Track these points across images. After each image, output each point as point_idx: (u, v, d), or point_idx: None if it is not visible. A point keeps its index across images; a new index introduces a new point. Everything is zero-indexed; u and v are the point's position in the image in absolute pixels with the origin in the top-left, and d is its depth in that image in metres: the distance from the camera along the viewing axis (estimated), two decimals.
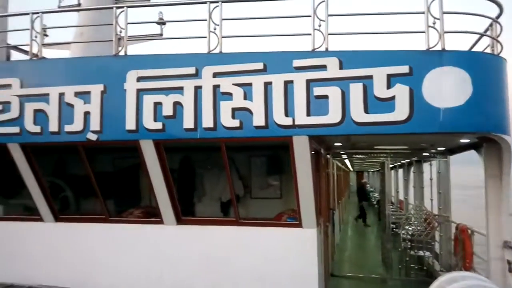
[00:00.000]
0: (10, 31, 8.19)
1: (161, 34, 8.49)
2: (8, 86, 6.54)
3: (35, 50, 6.60)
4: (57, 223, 7.07)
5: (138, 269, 6.60)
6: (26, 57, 7.08)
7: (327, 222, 8.46)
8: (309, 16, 5.49)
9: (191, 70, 5.89)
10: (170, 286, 6.42)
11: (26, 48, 6.91)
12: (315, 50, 5.50)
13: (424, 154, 9.74)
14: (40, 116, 6.39)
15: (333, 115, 5.34)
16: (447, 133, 5.36)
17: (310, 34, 5.50)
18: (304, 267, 5.97)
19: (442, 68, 5.18)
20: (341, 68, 5.35)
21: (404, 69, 5.19)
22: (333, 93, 5.33)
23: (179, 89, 5.93)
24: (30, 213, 7.36)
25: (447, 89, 5.17)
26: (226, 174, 6.27)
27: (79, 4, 9.63)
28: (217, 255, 6.34)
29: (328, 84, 5.36)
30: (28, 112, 6.43)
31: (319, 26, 5.47)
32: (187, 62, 5.94)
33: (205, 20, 5.84)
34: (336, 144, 8.09)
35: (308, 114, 5.43)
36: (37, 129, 6.41)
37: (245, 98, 5.70)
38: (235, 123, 5.73)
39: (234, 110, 5.74)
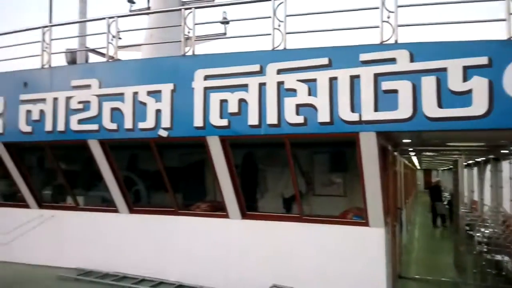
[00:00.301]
0: (89, 35, 8.86)
1: (225, 33, 8.69)
2: (88, 86, 7.09)
3: (111, 52, 7.08)
4: (131, 214, 7.54)
5: (205, 260, 6.84)
6: (103, 59, 7.62)
7: (395, 222, 8.13)
8: (377, 8, 5.30)
9: (256, 67, 5.96)
10: (235, 278, 6.58)
11: (103, 50, 7.45)
12: (384, 42, 5.30)
13: (503, 151, 8.98)
14: (116, 114, 6.86)
15: (403, 110, 5.12)
16: None
17: (378, 27, 5.31)
18: (371, 268, 5.81)
19: None
20: (412, 60, 5.10)
21: (483, 60, 4.82)
22: (403, 87, 5.11)
23: (244, 87, 6.04)
24: (107, 205, 7.94)
25: None
26: (289, 171, 6.27)
27: (148, 8, 10.18)
28: (281, 250, 6.38)
29: (398, 78, 5.14)
30: (105, 111, 6.92)
31: (388, 17, 5.26)
32: (252, 59, 6.02)
33: (269, 17, 5.87)
34: (404, 140, 7.75)
35: (376, 110, 5.25)
36: (113, 126, 6.88)
37: (309, 94, 5.67)
38: (300, 119, 5.71)
39: (298, 106, 5.73)
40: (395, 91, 5.16)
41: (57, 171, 8.17)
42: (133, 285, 6.76)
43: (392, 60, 5.19)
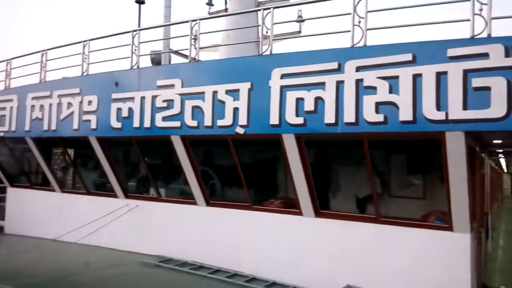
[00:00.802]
0: (172, 38, 9.42)
1: (300, 31, 8.71)
2: (172, 86, 7.54)
3: (193, 53, 7.45)
4: (208, 207, 7.89)
5: (277, 256, 6.95)
6: (184, 60, 8.04)
7: (481, 228, 7.58)
8: (468, 0, 4.96)
9: (334, 65, 5.91)
10: (307, 276, 6.59)
11: (185, 52, 7.85)
12: (475, 37, 4.95)
13: None
14: (197, 112, 7.21)
15: (496, 109, 4.76)
16: None
17: (469, 20, 4.97)
18: (455, 275, 5.50)
19: None
20: (507, 55, 4.72)
21: None
22: (497, 84, 4.74)
23: (321, 85, 6.01)
24: (186, 197, 8.38)
25: None
26: (367, 170, 6.13)
27: (226, 9, 10.53)
28: (355, 251, 6.27)
29: (491, 74, 4.78)
30: (187, 108, 7.31)
31: (480, 10, 4.91)
32: (330, 57, 5.97)
33: (349, 14, 5.78)
34: (495, 141, 7.18)
35: (465, 108, 4.94)
36: (194, 123, 7.25)
37: (390, 91, 5.48)
38: (379, 117, 5.55)
39: (378, 104, 5.57)
40: (487, 88, 4.81)
41: (142, 164, 8.79)
42: (209, 274, 7.08)
43: (485, 55, 4.84)
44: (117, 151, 9.67)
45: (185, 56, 8.05)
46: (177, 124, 7.44)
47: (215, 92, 7.00)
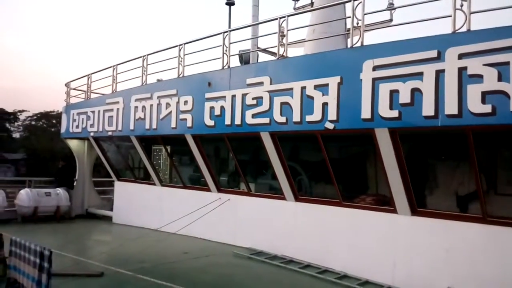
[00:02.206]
0: (261, 37, 9.63)
1: (391, 20, 8.30)
2: (260, 83, 7.73)
3: (281, 51, 7.54)
4: (297, 202, 7.95)
5: (371, 254, 6.75)
6: (272, 58, 8.16)
7: None
8: None
9: (433, 53, 5.54)
10: (403, 276, 6.32)
11: (273, 49, 7.98)
12: None
13: None
14: (285, 108, 7.30)
15: None
16: None
17: None
18: None
19: None
20: None
21: None
22: None
23: (418, 75, 5.68)
24: (275, 192, 8.54)
25: None
26: (472, 166, 5.66)
27: (312, 3, 10.45)
28: (458, 253, 5.84)
29: None
30: (276, 105, 7.43)
31: None
32: (428, 45, 5.61)
33: None
34: None
35: None
36: (283, 119, 7.34)
37: (499, 79, 4.98)
38: (486, 108, 5.09)
39: (484, 94, 5.11)
40: None
41: (233, 160, 9.16)
42: (299, 269, 7.14)
43: None
44: (210, 148, 10.20)
45: (273, 54, 8.18)
46: (266, 120, 7.60)
47: (303, 88, 7.01)
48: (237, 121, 8.10)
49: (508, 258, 5.40)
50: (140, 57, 10.55)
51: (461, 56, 5.29)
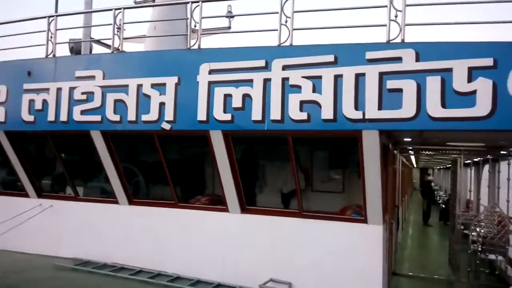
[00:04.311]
0: (94, 26, 8.86)
1: (229, 27, 8.70)
2: (92, 77, 7.08)
3: (116, 44, 7.06)
4: (131, 206, 7.57)
5: (203, 253, 6.89)
6: (107, 50, 7.61)
7: (392, 219, 8.22)
8: (385, 6, 5.33)
9: (261, 63, 5.98)
10: (232, 270, 6.63)
11: (107, 41, 7.43)
12: (390, 41, 5.33)
13: (502, 152, 9.07)
14: (119, 105, 6.86)
15: (407, 109, 5.17)
16: None
17: (385, 25, 5.34)
18: (368, 264, 5.89)
19: None
20: (417, 60, 5.14)
21: (488, 61, 4.87)
22: (408, 86, 5.15)
23: (249, 82, 6.05)
24: (107, 196, 7.95)
25: None
26: (291, 166, 6.31)
27: (153, 0, 10.13)
28: (279, 245, 6.43)
29: (403, 77, 5.18)
30: (109, 102, 6.92)
31: (396, 16, 5.29)
32: (258, 55, 6.03)
33: (277, 13, 5.88)
34: (405, 139, 7.81)
35: (380, 108, 5.30)
36: (116, 117, 6.88)
37: (314, 91, 5.69)
38: (303, 115, 5.74)
39: (302, 102, 5.76)
40: (399, 90, 5.20)
41: (58, 161, 8.17)
42: (130, 276, 6.79)
43: (398, 59, 5.23)
44: (29, 147, 8.89)
45: (108, 46, 7.61)
46: (97, 118, 7.01)
47: (139, 86, 6.71)
48: (63, 117, 7.25)
49: (321, 246, 6.18)
50: None
51: (284, 68, 5.85)
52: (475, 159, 11.99)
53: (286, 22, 5.88)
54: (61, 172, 8.28)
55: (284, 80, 5.84)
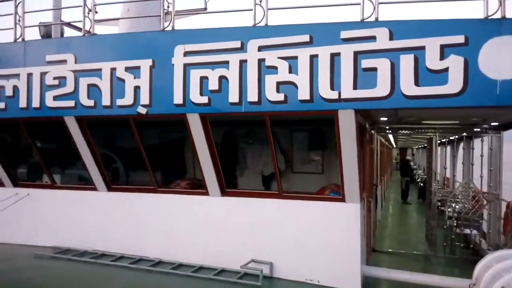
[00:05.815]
0: (64, 8, 8.54)
1: (205, 8, 8.51)
2: (63, 61, 6.88)
3: (87, 26, 6.86)
4: (110, 192, 7.49)
5: (185, 237, 6.90)
6: (79, 34, 7.38)
7: (370, 198, 8.38)
8: None
9: (237, 44, 5.90)
10: (214, 253, 6.68)
11: (79, 24, 7.20)
12: (364, 20, 5.33)
13: (475, 129, 9.30)
14: (93, 90, 6.70)
15: (381, 88, 5.21)
16: (504, 106, 5.09)
17: (359, 4, 5.33)
18: (347, 241, 6.01)
19: (501, 38, 4.87)
20: (391, 39, 5.16)
21: (460, 39, 4.93)
22: (382, 65, 5.18)
23: (225, 63, 5.98)
24: (85, 183, 7.85)
25: (506, 60, 4.86)
26: (269, 148, 6.33)
27: None
28: (260, 226, 6.48)
29: (377, 56, 5.20)
30: (82, 87, 6.75)
31: None
32: (233, 35, 5.95)
33: None
34: (382, 118, 7.90)
35: (355, 88, 5.32)
36: (90, 103, 6.73)
37: (290, 71, 5.67)
38: (280, 96, 5.72)
39: (279, 84, 5.73)
40: (374, 69, 5.23)
41: (33, 149, 7.98)
42: (111, 262, 6.77)
43: (372, 38, 5.23)
44: (3, 135, 8.65)
45: (79, 29, 7.38)
46: (71, 103, 6.84)
47: (113, 69, 6.56)
48: (35, 103, 7.05)
49: (301, 226, 6.27)
50: None
51: (260, 48, 5.79)
52: (450, 137, 12.27)
53: (260, 1, 5.80)
54: (37, 160, 8.10)
55: (260, 61, 5.79)
